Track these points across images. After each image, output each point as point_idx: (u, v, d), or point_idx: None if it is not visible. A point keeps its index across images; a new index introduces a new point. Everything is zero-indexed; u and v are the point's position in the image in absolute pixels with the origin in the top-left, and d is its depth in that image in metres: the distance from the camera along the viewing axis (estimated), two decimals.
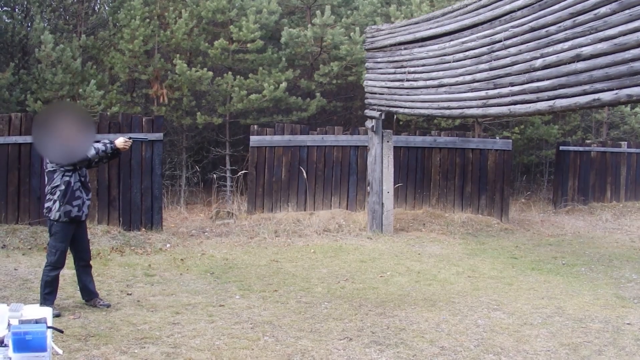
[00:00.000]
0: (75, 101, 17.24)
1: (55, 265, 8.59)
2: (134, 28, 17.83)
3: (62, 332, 5.46)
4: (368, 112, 15.81)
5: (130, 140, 9.10)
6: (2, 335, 4.63)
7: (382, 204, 15.71)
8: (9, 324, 4.75)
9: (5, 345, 4.55)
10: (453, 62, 12.50)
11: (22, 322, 4.72)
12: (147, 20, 18.18)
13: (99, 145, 8.79)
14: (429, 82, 13.19)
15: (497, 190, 18.06)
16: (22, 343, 4.46)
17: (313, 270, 12.00)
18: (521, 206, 20.65)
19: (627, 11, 8.44)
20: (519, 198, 21.77)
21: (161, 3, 19.03)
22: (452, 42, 12.64)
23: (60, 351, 5.00)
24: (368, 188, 16.06)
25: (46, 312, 5.04)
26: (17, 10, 20.44)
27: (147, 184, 14.59)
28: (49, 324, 4.80)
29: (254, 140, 16.72)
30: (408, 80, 13.96)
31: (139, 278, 10.86)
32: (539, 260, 13.42)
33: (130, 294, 9.78)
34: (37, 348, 4.49)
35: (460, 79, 12.17)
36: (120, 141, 8.94)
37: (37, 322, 4.71)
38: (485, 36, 11.55)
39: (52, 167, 8.60)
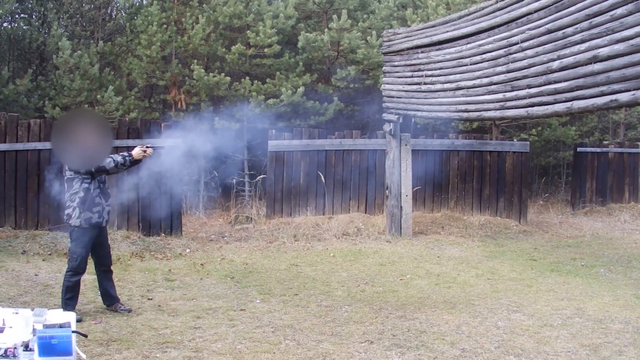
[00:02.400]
0: (93, 107, 17.34)
1: (76, 271, 8.65)
2: (151, 34, 17.91)
3: (86, 336, 5.50)
4: (386, 116, 15.83)
5: (149, 149, 9.13)
6: (27, 340, 4.67)
7: (401, 207, 15.71)
8: (33, 329, 4.79)
9: (31, 350, 4.59)
10: (470, 64, 12.49)
11: (46, 326, 4.77)
12: (164, 26, 18.26)
13: (118, 158, 8.84)
14: (446, 85, 13.19)
15: (515, 193, 18.02)
16: (48, 347, 4.50)
17: (333, 274, 12.03)
18: (539, 208, 20.61)
19: None
20: (537, 200, 21.71)
21: (178, 9, 19.11)
22: (469, 45, 12.64)
23: (84, 356, 5.05)
24: (387, 191, 16.07)
25: (70, 316, 5.09)
26: (34, 17, 20.54)
27: (166, 189, 14.64)
28: (73, 328, 4.85)
29: (272, 145, 16.75)
30: (425, 83, 13.96)
31: (160, 283, 10.91)
32: (558, 262, 13.40)
33: (151, 299, 9.84)
34: (62, 352, 4.53)
35: (478, 81, 12.16)
36: (137, 152, 8.98)
37: (61, 326, 4.75)
38: (502, 38, 11.54)
39: (71, 175, 8.66)
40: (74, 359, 4.65)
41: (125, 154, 9.01)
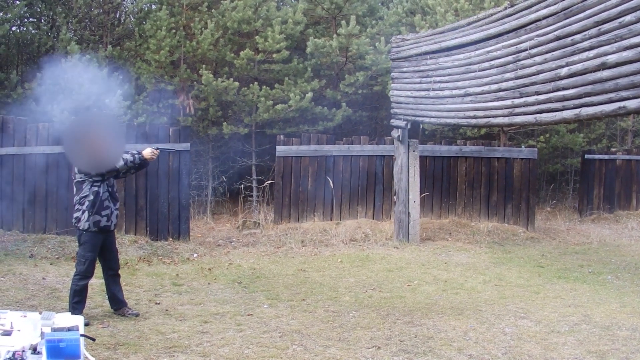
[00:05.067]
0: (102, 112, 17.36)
1: (84, 275, 8.66)
2: (160, 39, 17.92)
3: (93, 340, 5.52)
4: (394, 122, 15.83)
5: (158, 150, 9.17)
6: (36, 343, 4.68)
7: (409, 213, 15.70)
8: (41, 332, 4.80)
9: (39, 353, 4.60)
10: (479, 71, 12.49)
11: (54, 330, 4.78)
12: (173, 30, 18.26)
13: (127, 156, 8.85)
14: (454, 92, 13.18)
15: (523, 199, 18.00)
16: (56, 350, 4.52)
17: (340, 279, 12.02)
18: (547, 215, 20.58)
19: None
20: (545, 207, 21.69)
21: (187, 14, 19.12)
22: (477, 52, 12.63)
23: (92, 359, 5.05)
24: (394, 197, 16.06)
25: (78, 320, 5.10)
26: (43, 21, 20.59)
27: (174, 194, 14.67)
28: (81, 331, 4.85)
29: (280, 150, 16.77)
30: (434, 89, 13.96)
31: (167, 287, 10.92)
32: (565, 269, 13.38)
33: (159, 303, 9.84)
34: (70, 355, 4.54)
35: (486, 88, 12.15)
36: (148, 152, 9.00)
37: (69, 330, 4.76)
38: (511, 45, 11.54)
39: (81, 178, 8.67)
40: None
41: (135, 151, 9.00)
